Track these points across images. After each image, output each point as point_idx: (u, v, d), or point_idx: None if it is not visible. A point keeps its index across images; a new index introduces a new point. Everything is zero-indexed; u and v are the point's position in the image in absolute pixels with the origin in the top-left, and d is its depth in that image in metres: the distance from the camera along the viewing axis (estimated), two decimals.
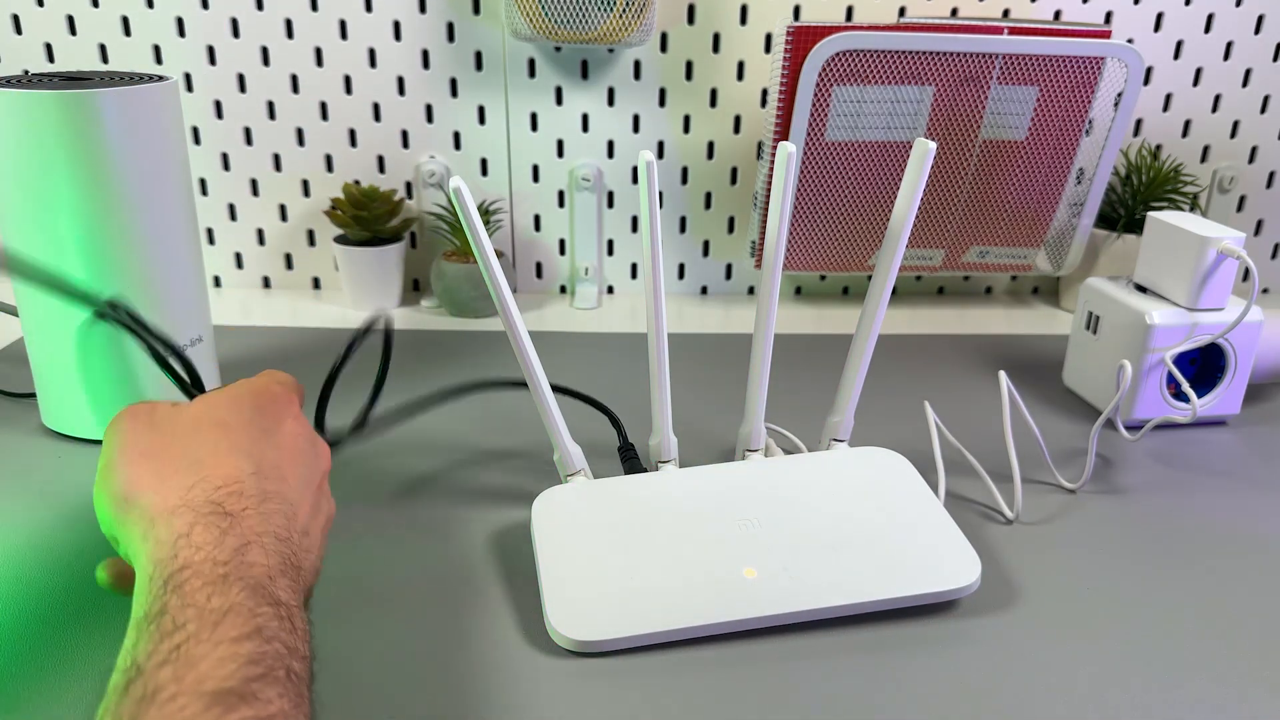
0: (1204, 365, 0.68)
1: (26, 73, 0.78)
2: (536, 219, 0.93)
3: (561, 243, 0.94)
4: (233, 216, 0.91)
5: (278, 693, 0.29)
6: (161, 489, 0.35)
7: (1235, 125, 0.93)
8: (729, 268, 0.96)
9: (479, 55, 0.86)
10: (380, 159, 0.90)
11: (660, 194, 0.92)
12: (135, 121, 0.56)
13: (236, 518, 0.34)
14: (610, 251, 0.94)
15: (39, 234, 0.55)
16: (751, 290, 0.97)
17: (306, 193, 0.91)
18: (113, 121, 0.54)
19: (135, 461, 0.37)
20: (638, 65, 0.87)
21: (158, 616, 0.30)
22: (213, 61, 0.86)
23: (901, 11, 0.86)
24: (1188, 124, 0.92)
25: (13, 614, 0.46)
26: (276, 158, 0.89)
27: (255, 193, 0.90)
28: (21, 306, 0.59)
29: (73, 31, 0.84)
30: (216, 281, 0.94)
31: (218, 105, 0.87)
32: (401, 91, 0.87)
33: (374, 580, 0.50)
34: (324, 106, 0.88)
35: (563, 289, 0.96)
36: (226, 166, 0.89)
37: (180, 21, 0.84)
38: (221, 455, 0.37)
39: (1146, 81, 0.90)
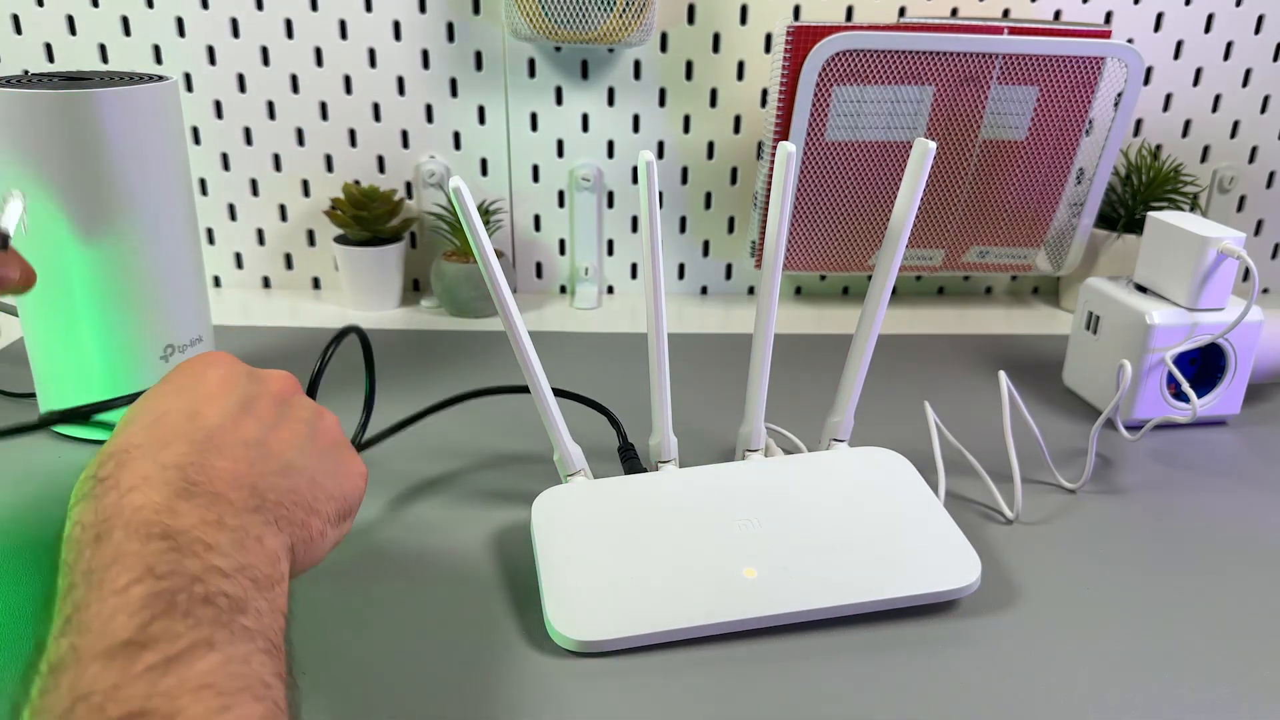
0: (1204, 365, 0.68)
1: (26, 73, 0.78)
2: (536, 219, 0.93)
3: (561, 243, 0.94)
4: (233, 216, 0.91)
5: (187, 625, 0.27)
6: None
7: (1235, 125, 0.93)
8: (729, 268, 0.96)
9: (479, 55, 0.86)
10: (380, 159, 0.90)
11: (660, 194, 0.92)
12: (135, 121, 0.56)
13: (111, 478, 0.31)
14: (610, 251, 0.94)
15: (38, 234, 0.55)
16: (751, 290, 0.97)
17: (306, 193, 0.91)
18: (112, 121, 0.54)
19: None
20: (638, 65, 0.87)
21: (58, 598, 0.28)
22: (213, 61, 0.86)
23: (901, 11, 0.86)
24: (1188, 124, 0.92)
25: (12, 615, 0.46)
26: (276, 158, 0.89)
27: (255, 193, 0.90)
28: (21, 307, 0.59)
29: (73, 31, 0.84)
30: (216, 281, 0.94)
31: (218, 105, 0.87)
32: (401, 91, 0.87)
33: (374, 580, 0.50)
34: (324, 106, 0.88)
35: (563, 289, 0.96)
36: (226, 166, 0.89)
37: (180, 21, 0.84)
38: (122, 429, 0.35)
39: (1146, 81, 0.90)
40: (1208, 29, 0.89)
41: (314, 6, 0.84)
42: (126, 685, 0.25)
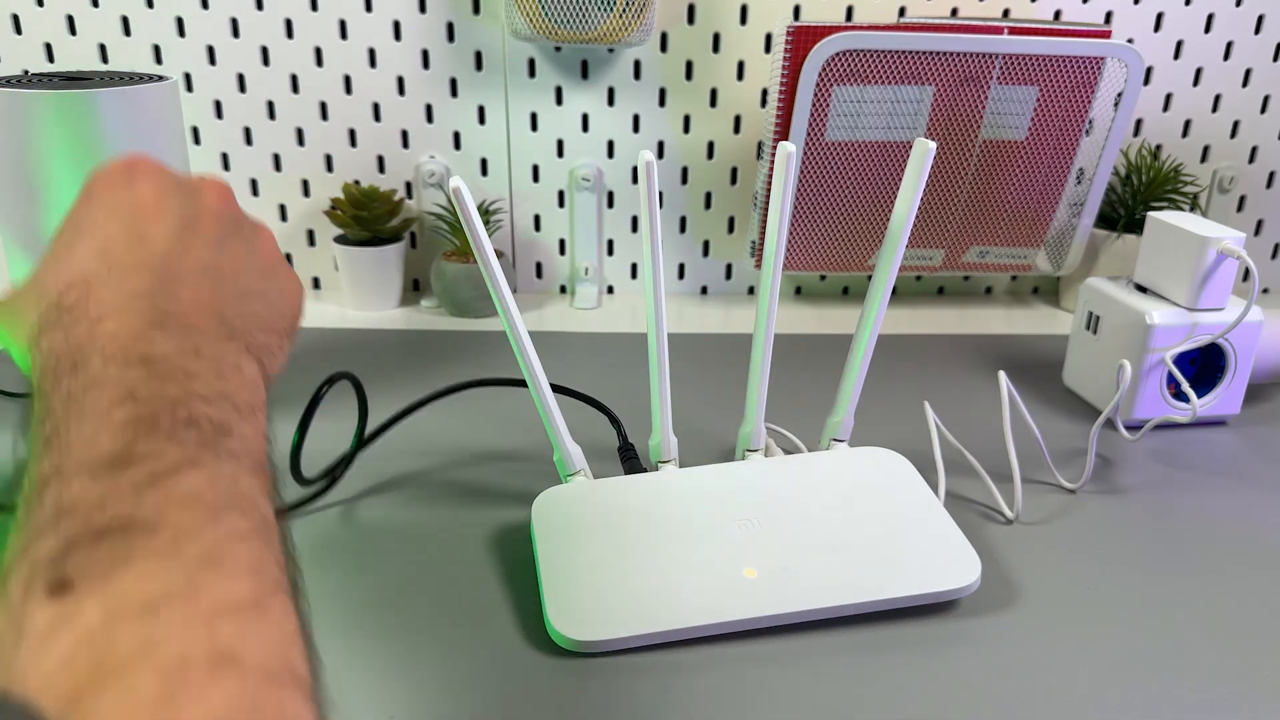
0: (1204, 365, 0.68)
1: (26, 73, 0.78)
2: (536, 219, 0.93)
3: (561, 243, 0.94)
4: None
5: (171, 445, 0.26)
6: (26, 332, 0.31)
7: (1235, 125, 0.93)
8: (729, 268, 0.96)
9: (479, 55, 0.86)
10: (380, 159, 0.90)
11: (660, 194, 0.92)
12: (135, 121, 0.56)
13: (78, 308, 0.30)
14: (610, 251, 0.94)
15: (39, 234, 0.55)
16: (751, 290, 0.97)
17: (306, 193, 0.91)
18: (112, 121, 0.54)
19: (13, 324, 0.33)
20: (638, 65, 0.87)
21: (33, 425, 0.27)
22: (213, 61, 0.86)
23: (901, 11, 0.86)
24: (1188, 124, 0.92)
25: None
26: (276, 158, 0.89)
27: (255, 193, 0.90)
28: None
29: (73, 31, 0.84)
30: None
31: (218, 105, 0.87)
32: (401, 91, 0.87)
33: (374, 580, 0.50)
34: (324, 106, 0.88)
35: (563, 289, 0.96)
36: (226, 166, 0.89)
37: (180, 21, 0.84)
38: (61, 262, 0.33)
39: (1146, 81, 0.90)
40: (1208, 29, 0.89)
41: (314, 6, 0.84)
42: (112, 498, 0.24)
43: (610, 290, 0.96)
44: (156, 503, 0.25)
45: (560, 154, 0.90)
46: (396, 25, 0.85)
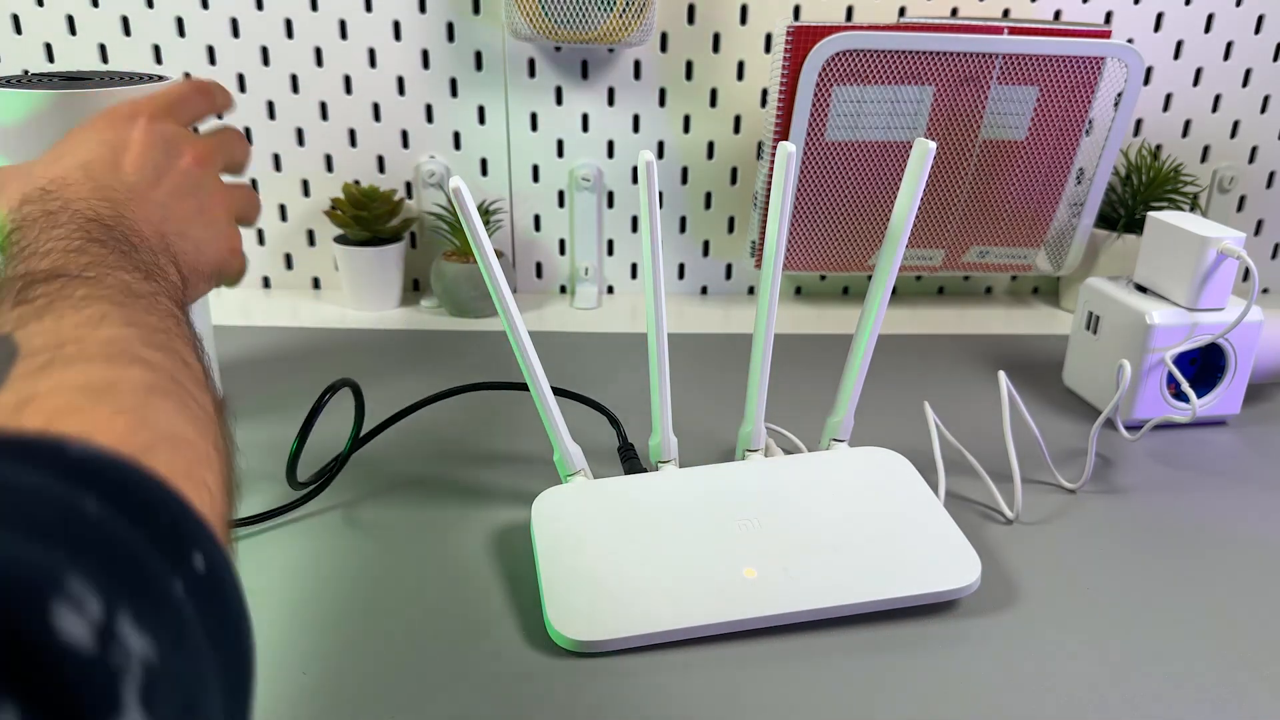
0: (1204, 365, 0.68)
1: (26, 73, 0.77)
2: (536, 219, 0.93)
3: (561, 243, 0.94)
4: None
5: (110, 253, 0.36)
6: (9, 202, 0.40)
7: (1235, 125, 0.93)
8: (729, 268, 0.96)
9: (479, 55, 0.86)
10: (380, 159, 0.90)
11: (660, 194, 0.92)
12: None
13: (56, 192, 0.40)
14: (610, 251, 0.94)
15: None
16: (751, 290, 0.97)
17: (306, 193, 0.91)
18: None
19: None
20: (638, 65, 0.87)
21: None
22: (213, 61, 0.86)
23: (901, 11, 0.86)
24: (1188, 124, 0.92)
25: None
26: (276, 158, 0.89)
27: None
28: None
29: (73, 31, 0.84)
30: None
31: None
32: (401, 91, 0.87)
33: (374, 580, 0.50)
34: (324, 106, 0.88)
35: (563, 289, 0.96)
36: None
37: (180, 21, 0.84)
38: (54, 165, 0.43)
39: (1146, 81, 0.90)
40: (1208, 29, 0.89)
41: (314, 6, 0.84)
42: (60, 266, 0.33)
43: (610, 290, 0.96)
44: (94, 265, 0.33)
45: (560, 154, 0.90)
46: (396, 25, 0.85)
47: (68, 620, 0.16)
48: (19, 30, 0.84)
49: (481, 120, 0.89)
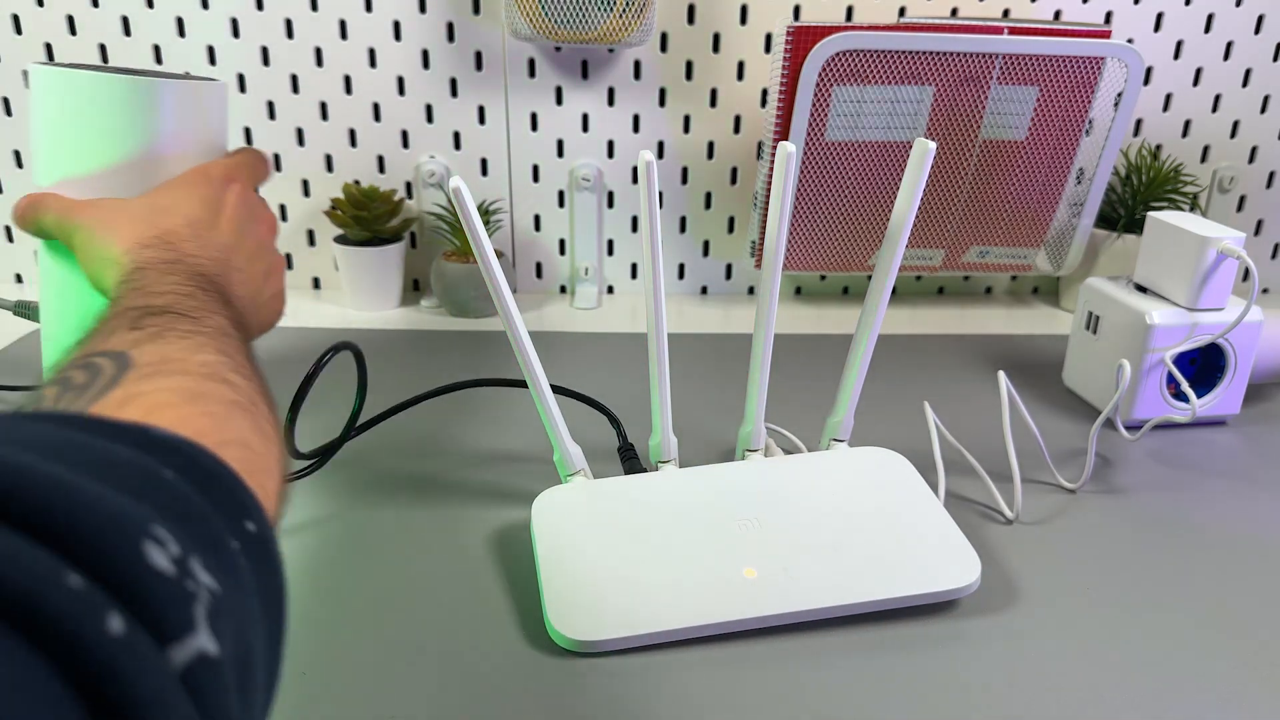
0: (1204, 365, 0.68)
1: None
2: (536, 219, 0.93)
3: (561, 243, 0.94)
4: None
5: (210, 299, 0.42)
6: (123, 239, 0.47)
7: (1235, 125, 0.93)
8: (729, 268, 0.96)
9: (479, 55, 0.86)
10: (380, 159, 0.90)
11: (660, 194, 0.92)
12: (207, 118, 0.56)
13: (174, 244, 0.47)
14: (610, 251, 0.94)
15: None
16: (751, 290, 0.97)
17: (306, 193, 0.91)
18: (209, 113, 0.56)
19: (101, 229, 0.49)
20: (638, 65, 0.87)
21: (120, 300, 0.40)
22: (213, 61, 0.86)
23: (901, 11, 0.86)
24: (1188, 124, 0.92)
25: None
26: (277, 158, 0.89)
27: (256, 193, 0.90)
28: (47, 298, 0.58)
29: (73, 31, 0.84)
30: None
31: None
32: (401, 91, 0.87)
33: (374, 580, 0.50)
34: (324, 106, 0.88)
35: (563, 289, 0.96)
36: None
37: (180, 21, 0.84)
38: (165, 215, 0.49)
39: (1146, 81, 0.90)
40: (1208, 29, 0.89)
41: (314, 6, 0.84)
42: (172, 304, 0.39)
43: (610, 290, 0.96)
44: (199, 309, 0.40)
45: (560, 154, 0.90)
46: (396, 25, 0.85)
47: (154, 553, 0.20)
48: (19, 30, 0.84)
49: (481, 120, 0.89)
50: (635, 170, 0.91)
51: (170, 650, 0.20)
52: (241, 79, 0.86)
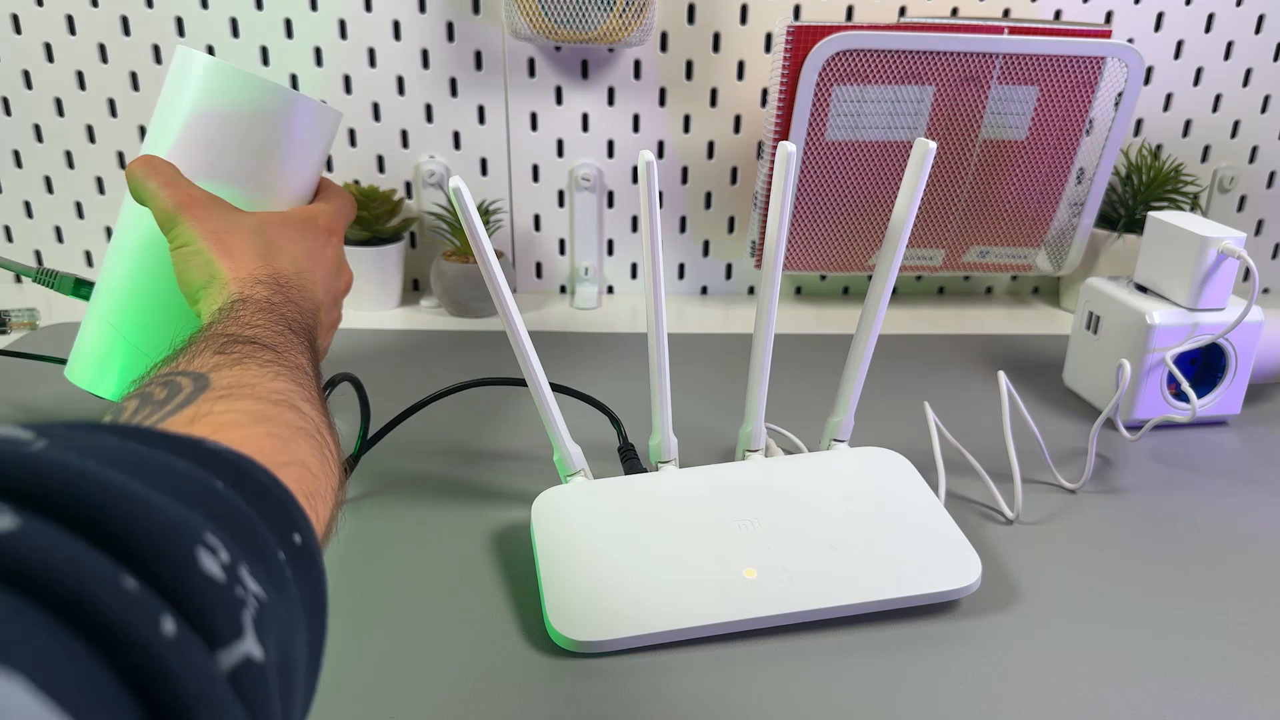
0: (1204, 365, 0.68)
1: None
2: (536, 219, 0.93)
3: (561, 243, 0.94)
4: None
5: (299, 338, 0.44)
6: (235, 265, 0.49)
7: (1235, 125, 0.93)
8: (729, 268, 0.96)
9: (479, 55, 0.86)
10: (380, 159, 0.90)
11: (660, 194, 0.92)
12: (315, 137, 0.59)
13: (283, 289, 0.48)
14: (610, 251, 0.94)
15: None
16: (751, 290, 0.97)
17: None
18: (301, 127, 0.57)
19: (214, 244, 0.49)
20: (638, 65, 0.87)
21: (206, 327, 0.42)
22: None
23: (901, 11, 0.86)
24: (1188, 124, 0.92)
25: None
26: None
27: None
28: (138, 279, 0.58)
29: (72, 31, 0.84)
30: None
31: None
32: (401, 91, 0.87)
33: (374, 580, 0.50)
34: None
35: (563, 289, 0.96)
36: None
37: (180, 21, 0.84)
38: (276, 254, 0.51)
39: (1147, 81, 0.90)
40: (1208, 29, 0.89)
41: (314, 6, 0.84)
42: (261, 335, 0.41)
43: (610, 290, 0.96)
44: (284, 345, 0.42)
45: (560, 154, 0.90)
46: (396, 25, 0.85)
47: (206, 559, 0.21)
48: (19, 30, 0.84)
49: (481, 120, 0.89)
50: (635, 170, 0.91)
51: (219, 654, 0.20)
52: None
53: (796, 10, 0.86)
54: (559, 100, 0.88)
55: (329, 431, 0.37)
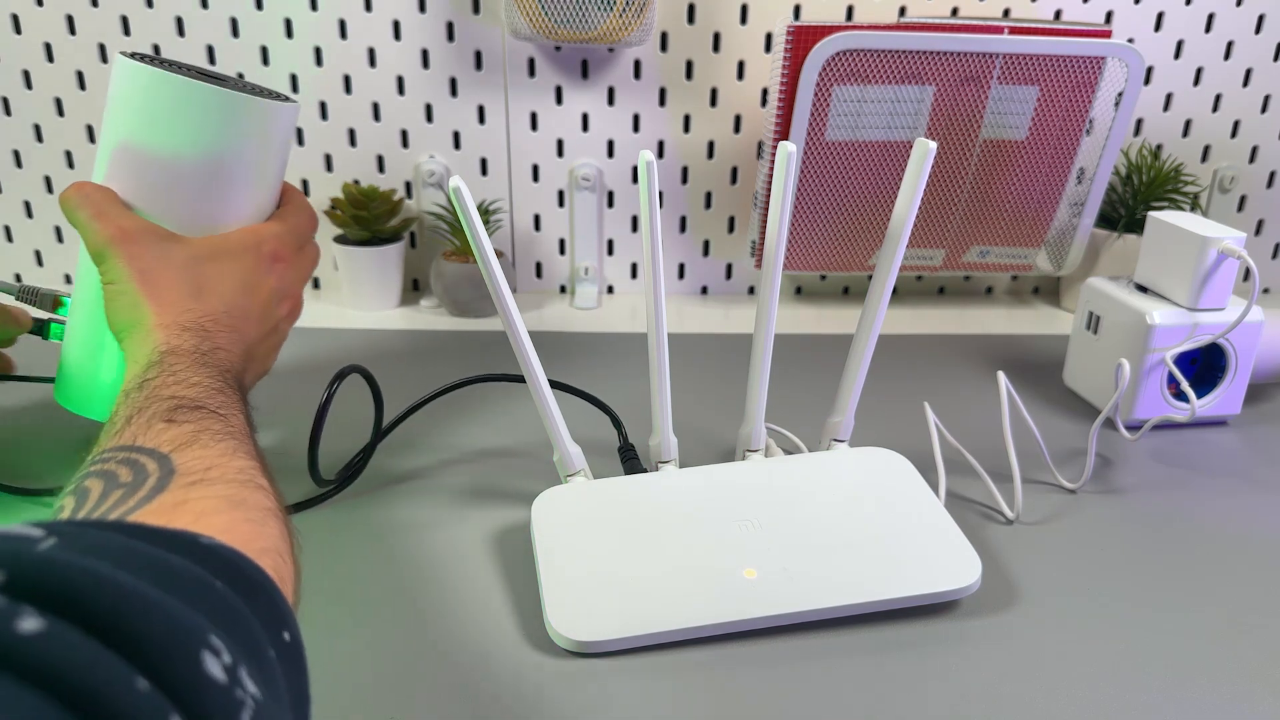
0: (1205, 365, 0.68)
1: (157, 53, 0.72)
2: (536, 219, 0.93)
3: (561, 243, 0.94)
4: None
5: (235, 396, 0.44)
6: (161, 308, 0.48)
7: (1235, 125, 0.93)
8: (729, 268, 0.96)
9: (479, 55, 0.86)
10: (380, 159, 0.90)
11: (660, 194, 0.92)
12: (281, 138, 0.55)
13: (211, 334, 0.48)
14: (610, 251, 0.94)
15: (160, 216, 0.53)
16: (751, 290, 0.97)
17: (306, 192, 0.91)
18: (273, 134, 0.54)
19: (141, 283, 0.48)
20: (638, 65, 0.87)
21: (140, 383, 0.42)
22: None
23: (901, 11, 0.86)
24: (1188, 124, 0.92)
25: None
26: None
27: None
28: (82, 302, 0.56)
29: (72, 31, 0.84)
30: None
31: None
32: (401, 91, 0.87)
33: (374, 580, 0.50)
34: (324, 106, 0.88)
35: (563, 289, 0.96)
36: None
37: (180, 21, 0.84)
38: (207, 293, 0.50)
39: (1147, 81, 0.90)
40: (1208, 29, 0.89)
41: (314, 6, 0.84)
42: (201, 397, 0.41)
43: (610, 290, 0.96)
44: (226, 406, 0.42)
45: (560, 154, 0.90)
46: (396, 25, 0.85)
47: (211, 662, 0.23)
48: (19, 30, 0.84)
49: (481, 120, 0.89)
50: (635, 170, 0.91)
51: None
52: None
53: (796, 10, 0.86)
54: (559, 100, 0.88)
55: (280, 500, 0.38)
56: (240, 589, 0.27)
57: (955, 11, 0.87)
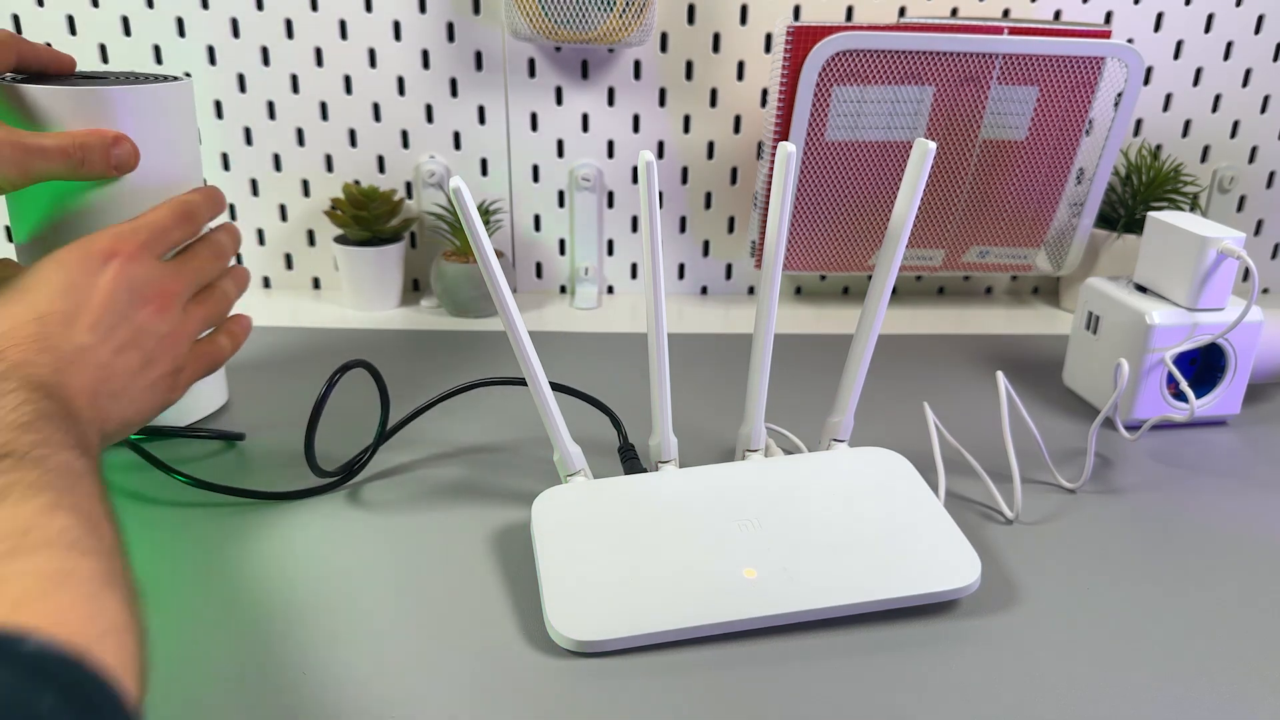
0: (1204, 365, 0.68)
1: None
2: (536, 219, 0.93)
3: (561, 243, 0.94)
4: (233, 216, 0.91)
5: (55, 432, 0.37)
6: None
7: (1235, 125, 0.93)
8: (729, 268, 0.96)
9: (479, 55, 0.86)
10: (380, 159, 0.90)
11: (660, 194, 0.92)
12: (154, 121, 0.55)
13: (9, 352, 0.41)
14: (610, 251, 0.94)
15: (49, 232, 0.55)
16: (751, 290, 0.97)
17: (306, 193, 0.91)
18: (126, 120, 0.54)
19: None
20: (638, 65, 0.87)
21: None
22: (213, 61, 0.86)
23: (901, 11, 0.87)
24: (1188, 124, 0.92)
25: None
26: (276, 158, 0.89)
27: (255, 193, 0.90)
28: None
29: (73, 31, 0.84)
30: None
31: (218, 105, 0.87)
32: (401, 91, 0.87)
33: (373, 580, 0.50)
34: (324, 106, 0.88)
35: (563, 289, 0.96)
36: (226, 166, 0.89)
37: (180, 21, 0.84)
38: (12, 303, 0.44)
39: (1146, 81, 0.90)
40: (1208, 29, 0.89)
41: (314, 6, 0.84)
42: (9, 442, 0.34)
43: (610, 290, 0.96)
44: (40, 445, 0.35)
45: (560, 154, 0.90)
46: (396, 25, 0.85)
47: None
48: (19, 30, 0.84)
49: (481, 120, 0.89)
50: (635, 170, 0.91)
51: None
52: (241, 79, 0.86)
53: (796, 10, 0.86)
54: (559, 100, 0.88)
55: (119, 548, 0.33)
56: (74, 702, 0.23)
57: (955, 12, 0.87)
